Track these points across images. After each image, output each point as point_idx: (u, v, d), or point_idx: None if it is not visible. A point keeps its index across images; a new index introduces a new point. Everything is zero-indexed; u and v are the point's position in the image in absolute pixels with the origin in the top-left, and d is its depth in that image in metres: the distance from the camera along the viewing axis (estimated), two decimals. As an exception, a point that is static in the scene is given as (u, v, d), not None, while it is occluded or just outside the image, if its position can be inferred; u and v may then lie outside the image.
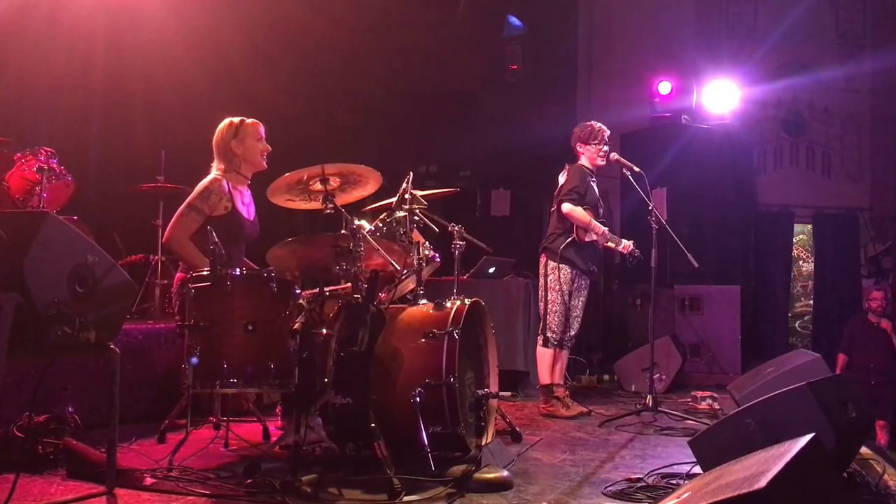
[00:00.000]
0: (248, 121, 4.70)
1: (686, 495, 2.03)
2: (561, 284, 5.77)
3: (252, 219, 4.72)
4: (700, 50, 9.70)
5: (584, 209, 5.79)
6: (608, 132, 6.01)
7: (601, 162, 5.99)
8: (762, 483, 1.63)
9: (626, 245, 5.89)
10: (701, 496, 1.87)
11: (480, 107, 9.28)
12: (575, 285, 5.84)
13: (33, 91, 6.74)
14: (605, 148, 5.97)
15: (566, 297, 5.78)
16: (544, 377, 5.87)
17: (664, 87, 9.03)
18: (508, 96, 9.16)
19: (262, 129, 4.73)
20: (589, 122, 6.04)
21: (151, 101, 7.45)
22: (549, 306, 5.81)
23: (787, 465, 1.80)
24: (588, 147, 5.94)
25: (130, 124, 7.41)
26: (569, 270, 5.80)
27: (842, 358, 6.58)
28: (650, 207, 5.79)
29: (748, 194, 9.79)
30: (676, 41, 9.72)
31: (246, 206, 4.69)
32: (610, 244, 5.90)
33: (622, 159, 5.96)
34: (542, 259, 5.91)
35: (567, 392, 5.99)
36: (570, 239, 5.77)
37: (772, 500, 1.61)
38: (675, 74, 9.10)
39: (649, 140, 8.82)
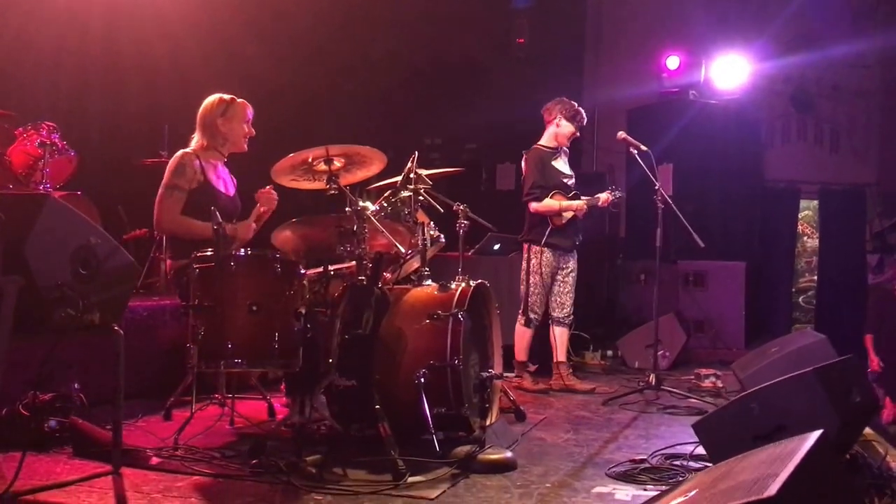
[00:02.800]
0: (239, 101, 4.63)
1: (693, 493, 2.02)
2: (542, 268, 5.93)
3: (231, 194, 4.67)
4: (709, 24, 9.58)
5: (552, 195, 5.93)
6: (585, 120, 6.13)
7: (567, 144, 6.13)
8: (772, 491, 1.62)
9: (605, 199, 6.00)
10: (708, 498, 1.85)
11: (486, 80, 9.21)
12: (560, 265, 5.99)
13: (34, 65, 6.70)
14: (577, 133, 6.12)
15: (548, 280, 5.94)
16: (521, 354, 6.00)
17: (672, 62, 8.94)
18: (515, 70, 9.09)
19: (250, 111, 4.67)
20: (573, 102, 6.10)
21: (152, 76, 7.39)
22: (531, 289, 5.93)
23: (797, 469, 1.78)
24: (569, 124, 6.01)
25: (132, 98, 7.37)
26: (550, 254, 5.95)
27: (870, 338, 6.53)
28: (656, 186, 5.77)
29: (755, 170, 9.73)
30: (686, 15, 9.60)
31: (221, 179, 4.63)
32: (582, 209, 5.97)
33: (629, 138, 5.93)
34: (525, 246, 6.05)
35: (569, 370, 6.08)
36: (549, 228, 5.93)
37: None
38: (683, 49, 9.00)
39: (656, 115, 8.76)
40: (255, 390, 4.70)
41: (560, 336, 6.04)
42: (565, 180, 6.05)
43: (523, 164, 6.11)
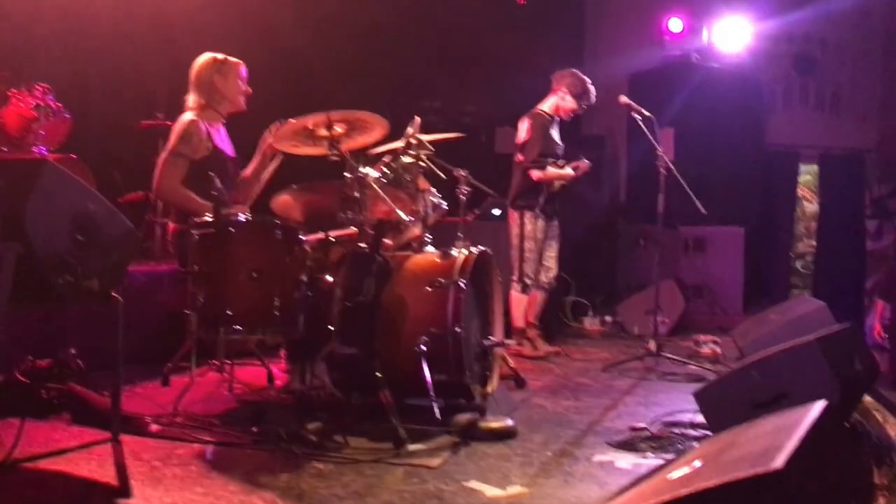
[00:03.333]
0: (232, 59, 4.59)
1: (697, 464, 2.01)
2: (538, 234, 5.90)
3: (234, 156, 4.65)
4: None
5: (549, 163, 5.90)
6: (594, 100, 6.06)
7: (568, 118, 6.10)
8: (779, 462, 1.61)
9: (585, 168, 6.01)
10: (713, 469, 1.84)
11: (486, 43, 9.09)
12: (549, 229, 5.99)
13: (28, 26, 6.58)
14: (580, 111, 6.08)
15: (540, 245, 5.93)
16: (519, 321, 5.97)
17: (675, 25, 8.81)
18: (515, 33, 8.97)
19: (244, 69, 4.63)
20: (586, 79, 6.01)
21: (151, 37, 7.28)
22: (526, 255, 5.90)
23: (802, 440, 1.77)
24: (572, 100, 5.92)
25: (128, 60, 7.25)
26: (542, 220, 5.92)
27: (881, 305, 6.49)
28: (659, 152, 5.72)
29: (756, 134, 9.66)
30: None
31: (225, 143, 4.61)
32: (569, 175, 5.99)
33: (632, 103, 5.87)
34: (515, 213, 5.98)
35: (539, 332, 6.08)
36: (544, 195, 5.89)
37: (789, 480, 1.58)
38: (685, 11, 8.88)
39: (658, 80, 8.65)
40: (253, 356, 4.69)
41: (538, 300, 6.05)
42: (558, 150, 6.02)
43: (525, 127, 5.99)
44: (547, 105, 6.03)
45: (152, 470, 3.07)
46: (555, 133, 6.03)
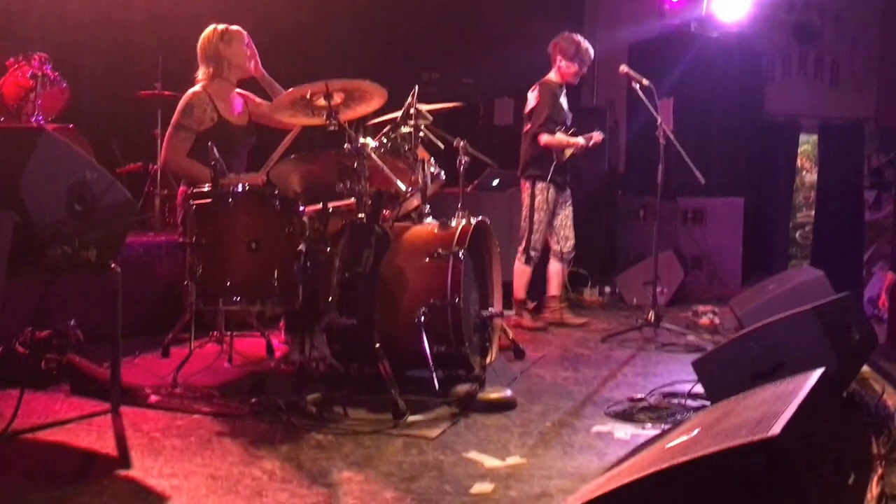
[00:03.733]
0: (234, 27, 4.59)
1: (695, 432, 2.02)
2: (548, 204, 5.85)
3: (245, 125, 4.63)
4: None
5: (558, 129, 5.83)
6: (592, 55, 5.93)
7: (574, 82, 6.02)
8: (776, 430, 1.61)
9: (598, 139, 5.95)
10: (711, 437, 1.85)
11: (485, 13, 9.03)
12: (560, 200, 5.94)
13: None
14: (584, 71, 5.97)
15: (550, 217, 5.89)
16: (520, 292, 5.97)
17: (674, -7, 8.75)
18: (514, 4, 8.90)
19: (247, 36, 4.63)
20: (576, 38, 5.93)
21: (148, 5, 7.22)
22: (535, 226, 5.86)
23: (799, 408, 1.77)
24: (570, 64, 5.86)
25: (126, 29, 7.20)
26: (554, 191, 5.87)
27: (892, 277, 6.45)
28: (658, 122, 5.69)
29: (755, 104, 9.62)
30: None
31: (234, 111, 4.59)
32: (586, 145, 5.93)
33: (631, 72, 5.82)
34: (527, 183, 5.92)
35: (564, 305, 6.10)
36: (554, 164, 5.82)
37: (785, 447, 1.59)
38: (686, -21, 8.80)
39: (658, 49, 8.61)
40: (253, 328, 4.69)
41: (560, 271, 6.03)
42: (567, 119, 5.97)
43: (534, 95, 5.93)
44: (552, 74, 5.98)
45: (151, 441, 3.07)
46: (564, 101, 5.98)
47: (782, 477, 1.60)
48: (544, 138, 5.79)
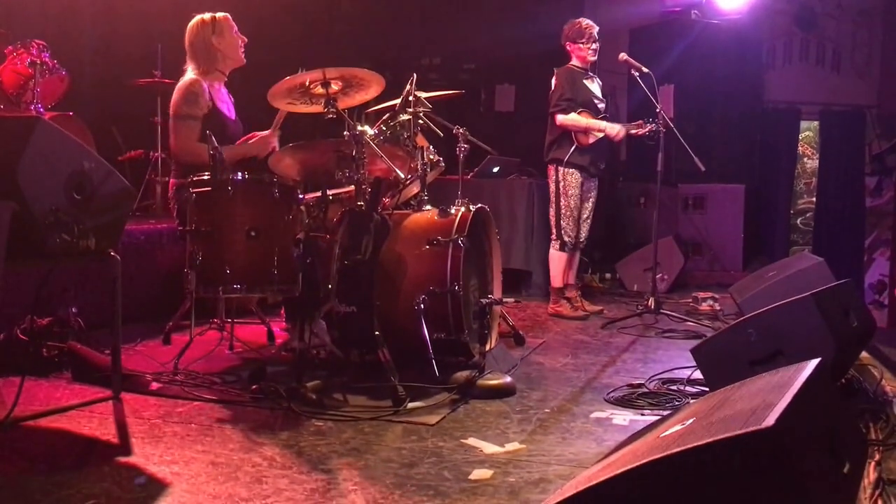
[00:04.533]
0: (220, 15, 4.56)
1: (690, 421, 2.02)
2: (572, 189, 5.78)
3: (234, 118, 4.63)
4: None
5: (580, 112, 5.75)
6: (597, 28, 5.89)
7: (592, 58, 5.92)
8: (770, 421, 1.61)
9: (640, 127, 5.82)
10: (706, 427, 1.85)
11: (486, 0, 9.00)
12: (584, 188, 5.85)
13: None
14: (595, 45, 5.89)
15: (577, 202, 5.81)
16: (557, 280, 5.93)
17: (675, -20, 8.73)
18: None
19: (232, 21, 4.60)
20: (577, 20, 5.91)
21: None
22: (563, 211, 5.80)
23: (794, 398, 1.78)
24: (577, 46, 5.84)
25: (124, 16, 7.18)
26: (578, 175, 5.80)
27: None
28: (658, 110, 5.68)
29: (756, 91, 9.60)
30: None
31: (226, 104, 4.59)
32: (619, 133, 5.82)
33: (630, 59, 5.81)
34: (551, 168, 5.88)
35: (578, 293, 6.05)
36: (573, 147, 5.74)
37: (779, 438, 1.59)
38: (686, -34, 8.78)
39: (658, 35, 8.59)
40: (254, 315, 4.71)
41: (574, 260, 6.03)
42: (596, 101, 5.87)
43: (553, 79, 5.89)
44: (573, 61, 5.93)
45: (152, 428, 3.09)
46: (591, 85, 5.90)
47: (776, 467, 1.61)
48: (559, 118, 5.75)
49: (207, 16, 4.53)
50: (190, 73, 4.48)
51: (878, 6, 9.75)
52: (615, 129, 5.79)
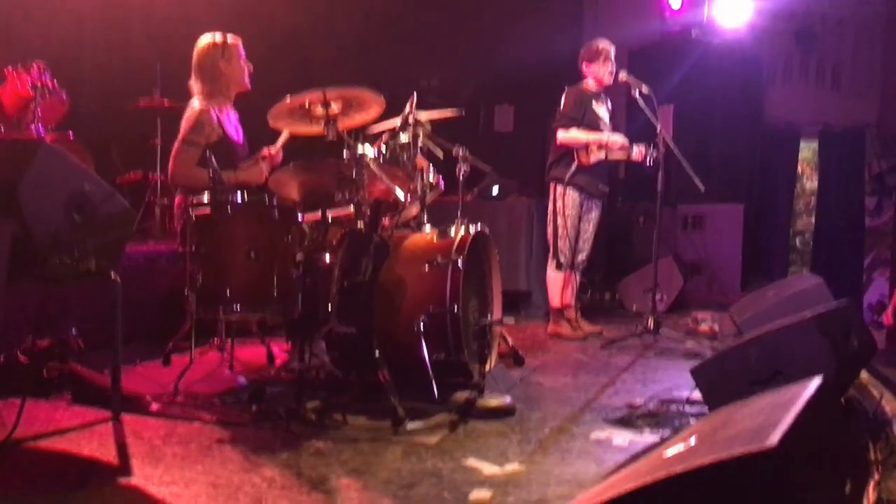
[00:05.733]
0: (231, 40, 4.57)
1: (692, 441, 2.02)
2: (570, 209, 5.79)
3: (241, 141, 4.65)
4: (713, -41, 9.38)
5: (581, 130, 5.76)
6: (613, 50, 5.89)
7: (608, 81, 5.92)
8: (773, 440, 1.61)
9: (639, 152, 5.83)
10: (708, 447, 1.85)
11: (484, 19, 9.04)
12: (584, 209, 5.85)
13: (24, 3, 6.55)
14: (611, 67, 5.87)
15: (575, 222, 5.80)
16: (555, 300, 5.92)
17: (674, 1, 8.77)
18: (513, 8, 8.92)
19: (242, 47, 4.62)
20: (595, 41, 5.93)
21: (146, 14, 7.26)
22: (559, 231, 5.81)
23: (797, 417, 1.78)
24: (593, 66, 5.85)
25: (125, 38, 7.24)
26: (577, 195, 5.79)
27: None
28: (658, 130, 5.70)
29: (756, 110, 9.63)
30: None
31: (234, 127, 4.61)
32: (619, 154, 5.83)
33: (631, 79, 5.84)
34: (551, 186, 5.89)
35: (578, 314, 6.05)
36: (574, 166, 5.74)
37: (783, 457, 1.59)
38: (686, -15, 8.83)
39: (659, 56, 8.62)
40: (254, 335, 4.70)
41: (572, 281, 6.01)
42: (601, 125, 5.88)
43: (563, 97, 5.89)
44: (586, 82, 5.95)
45: (152, 449, 3.09)
46: (599, 108, 5.90)
47: (780, 487, 1.61)
48: (560, 134, 5.75)
49: (219, 38, 4.54)
50: (196, 97, 4.49)
51: (879, 25, 9.80)
52: (618, 141, 5.78)
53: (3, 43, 6.12)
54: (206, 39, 4.54)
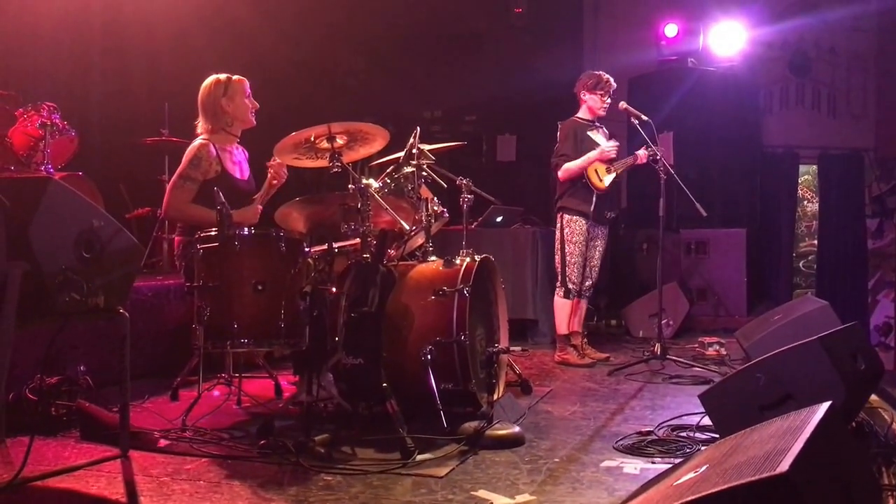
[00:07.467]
0: (235, 77, 4.62)
1: (703, 469, 2.02)
2: (576, 236, 5.83)
3: (245, 177, 4.68)
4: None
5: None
6: (615, 85, 5.95)
7: (602, 113, 6.02)
8: (784, 466, 1.62)
9: (641, 156, 5.92)
10: (720, 474, 1.85)
11: (485, 50, 9.13)
12: (590, 235, 5.90)
13: (33, 45, 6.64)
14: (608, 100, 5.98)
15: (583, 248, 5.86)
16: (562, 327, 5.93)
17: (671, 30, 8.87)
18: (513, 40, 9.01)
19: (248, 85, 4.66)
20: (597, 72, 6.01)
21: (152, 53, 7.35)
22: (568, 258, 5.84)
23: (808, 443, 1.78)
24: (593, 95, 5.92)
25: (132, 77, 7.32)
26: (584, 222, 5.84)
27: None
28: (658, 157, 5.74)
29: (754, 136, 9.69)
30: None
31: (237, 164, 4.64)
32: (617, 167, 5.91)
33: (631, 108, 5.90)
34: (559, 215, 5.94)
35: (584, 341, 6.05)
36: (580, 195, 5.82)
37: (794, 483, 1.59)
38: (681, 17, 8.93)
39: (656, 84, 8.71)
40: (261, 369, 4.71)
41: (580, 307, 6.04)
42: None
43: (558, 134, 6.01)
44: (580, 112, 6.03)
45: (161, 486, 3.08)
46: (595, 136, 5.96)
47: (792, 513, 1.61)
48: (560, 172, 5.85)
49: (223, 76, 4.60)
50: (200, 138, 4.54)
51: (871, 50, 9.88)
52: (609, 148, 5.86)
53: (12, 86, 6.18)
54: (210, 79, 4.61)
